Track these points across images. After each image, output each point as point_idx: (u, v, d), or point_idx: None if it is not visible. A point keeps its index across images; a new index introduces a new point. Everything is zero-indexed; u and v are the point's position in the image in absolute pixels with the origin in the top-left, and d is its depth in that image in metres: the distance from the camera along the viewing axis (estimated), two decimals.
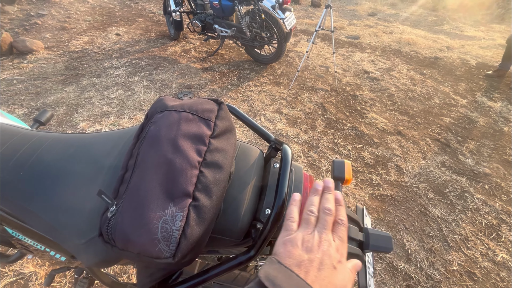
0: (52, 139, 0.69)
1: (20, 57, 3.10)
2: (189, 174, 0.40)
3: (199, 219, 0.39)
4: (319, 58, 3.72)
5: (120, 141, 0.60)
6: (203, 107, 0.49)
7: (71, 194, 0.56)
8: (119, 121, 2.28)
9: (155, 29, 4.19)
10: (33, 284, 1.27)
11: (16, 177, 0.62)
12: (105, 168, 0.56)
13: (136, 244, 0.36)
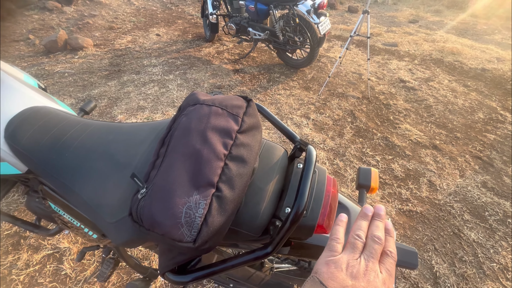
0: (94, 126, 0.75)
1: (72, 52, 3.42)
2: (215, 165, 0.42)
3: (220, 209, 0.40)
4: (352, 64, 3.63)
5: (153, 132, 0.64)
6: (232, 103, 0.50)
7: (107, 177, 0.61)
8: (152, 116, 2.41)
9: (192, 31, 4.38)
10: (66, 259, 1.38)
11: (62, 157, 0.69)
12: (138, 154, 0.60)
13: (161, 226, 0.39)
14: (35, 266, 1.35)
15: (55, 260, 1.38)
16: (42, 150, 0.70)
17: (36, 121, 0.73)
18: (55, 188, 0.72)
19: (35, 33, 3.80)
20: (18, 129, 0.71)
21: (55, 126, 0.74)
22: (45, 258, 1.39)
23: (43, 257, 1.39)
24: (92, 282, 1.30)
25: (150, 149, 0.58)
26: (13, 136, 0.70)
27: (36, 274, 1.33)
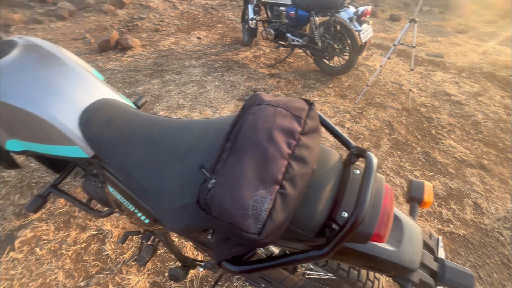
0: (152, 119, 0.82)
1: (121, 52, 3.70)
2: (279, 163, 0.44)
3: (283, 205, 0.42)
4: (392, 74, 3.49)
5: (211, 129, 0.68)
6: (295, 105, 0.52)
7: (166, 166, 0.66)
8: (190, 114, 2.53)
9: (230, 35, 4.52)
10: (108, 240, 1.50)
11: (126, 145, 0.76)
12: (197, 149, 0.64)
13: (229, 215, 0.41)
14: (81, 244, 1.48)
15: (98, 241, 1.50)
16: (108, 137, 0.78)
17: (105, 112, 0.82)
18: (116, 173, 0.79)
19: (91, 33, 4.18)
20: (91, 118, 0.79)
21: (120, 117, 0.82)
22: (90, 238, 1.51)
23: (89, 237, 1.51)
24: (130, 265, 1.39)
25: (209, 145, 0.61)
26: (87, 124, 0.79)
27: (82, 252, 1.45)
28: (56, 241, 1.48)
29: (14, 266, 1.37)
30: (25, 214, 1.62)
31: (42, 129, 0.79)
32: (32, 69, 0.79)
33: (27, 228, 1.51)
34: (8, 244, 1.45)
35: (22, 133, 0.83)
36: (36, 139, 0.83)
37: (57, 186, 1.12)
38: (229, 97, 2.81)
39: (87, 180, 1.09)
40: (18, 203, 1.68)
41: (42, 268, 1.37)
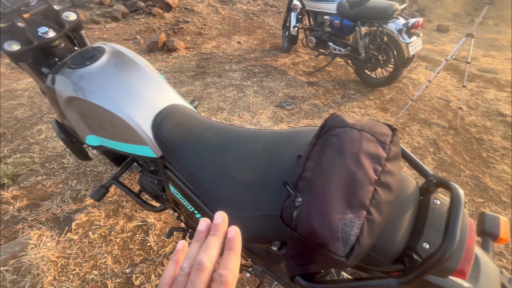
0: (216, 126, 0.87)
1: (167, 53, 3.92)
2: (367, 189, 0.45)
3: (370, 231, 0.43)
4: (438, 89, 3.31)
5: (278, 142, 0.70)
6: (380, 130, 0.53)
7: (235, 175, 0.70)
8: (230, 117, 2.61)
9: (270, 41, 4.58)
10: (151, 233, 1.59)
11: (193, 149, 0.82)
12: (266, 160, 0.67)
13: (318, 235, 0.43)
14: (128, 233, 1.59)
15: (142, 232, 1.60)
16: (177, 141, 0.84)
17: (175, 117, 0.88)
18: (181, 175, 0.85)
19: (141, 34, 4.48)
20: (163, 122, 0.87)
21: (187, 122, 0.88)
22: (136, 228, 1.62)
23: (134, 227, 1.62)
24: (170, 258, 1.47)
25: (279, 156, 0.64)
26: (159, 127, 0.86)
27: (128, 240, 1.56)
28: (106, 227, 1.61)
29: (70, 246, 1.51)
30: (81, 199, 1.78)
31: (120, 128, 0.87)
32: (117, 74, 0.89)
33: (82, 212, 1.66)
34: (66, 225, 1.60)
35: (102, 130, 0.93)
36: (113, 136, 0.92)
37: (118, 178, 1.22)
38: (267, 103, 2.85)
39: (144, 175, 1.18)
40: (75, 188, 1.86)
41: (94, 251, 1.49)
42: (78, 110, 0.89)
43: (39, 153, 2.15)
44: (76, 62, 0.89)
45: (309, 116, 2.69)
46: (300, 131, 0.68)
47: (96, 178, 1.95)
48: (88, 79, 0.86)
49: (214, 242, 0.28)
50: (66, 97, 0.87)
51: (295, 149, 0.63)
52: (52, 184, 1.89)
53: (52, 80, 0.92)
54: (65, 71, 0.88)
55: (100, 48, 0.94)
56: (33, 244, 1.50)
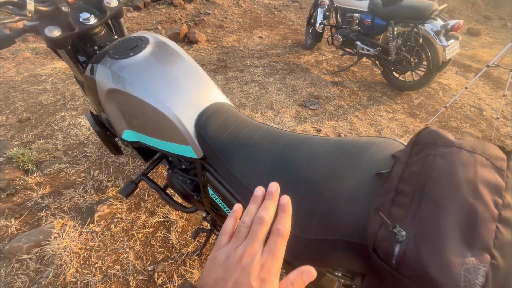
0: (264, 129, 0.80)
1: (188, 45, 3.87)
2: (490, 227, 0.37)
3: (494, 281, 0.35)
4: (470, 96, 3.14)
5: (335, 151, 0.62)
6: (494, 154, 0.45)
7: (290, 187, 0.63)
8: (252, 114, 2.54)
9: (292, 37, 4.46)
10: (173, 230, 1.56)
11: (239, 153, 0.75)
12: (328, 171, 0.60)
13: (434, 282, 0.36)
14: (149, 229, 1.56)
15: (164, 228, 1.57)
16: (222, 142, 0.78)
17: (221, 116, 0.82)
18: (225, 180, 0.79)
19: (162, 25, 4.44)
20: (208, 121, 0.80)
21: (233, 123, 0.82)
22: (158, 224, 1.59)
23: (156, 223, 1.59)
24: (193, 259, 1.43)
25: (350, 171, 0.56)
26: (203, 126, 0.80)
27: (150, 236, 1.53)
28: (128, 221, 1.58)
29: (93, 238, 1.49)
30: (103, 190, 1.76)
31: (162, 125, 0.82)
32: (161, 66, 0.83)
33: (104, 204, 1.63)
34: (88, 216, 1.58)
35: (141, 126, 0.87)
36: (152, 133, 0.87)
37: (147, 175, 1.17)
38: (290, 102, 2.77)
39: (174, 173, 1.13)
40: (97, 178, 1.84)
41: (116, 245, 1.47)
42: (118, 103, 0.84)
43: (62, 140, 2.14)
44: (119, 52, 0.84)
45: (334, 117, 2.59)
46: (373, 143, 0.60)
47: (118, 169, 1.93)
48: (131, 71, 0.80)
49: (271, 204, 0.33)
50: (107, 89, 0.82)
51: (370, 164, 0.56)
52: (74, 173, 1.88)
53: (92, 70, 0.87)
54: (107, 61, 0.83)
55: (143, 38, 0.88)
56: (56, 233, 1.48)
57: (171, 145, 0.85)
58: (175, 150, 0.86)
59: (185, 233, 1.55)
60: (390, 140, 0.61)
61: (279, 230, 0.30)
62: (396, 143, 0.60)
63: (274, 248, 0.29)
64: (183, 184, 1.09)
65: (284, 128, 2.39)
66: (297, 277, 0.29)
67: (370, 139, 0.62)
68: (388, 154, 0.57)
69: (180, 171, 1.11)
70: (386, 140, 0.61)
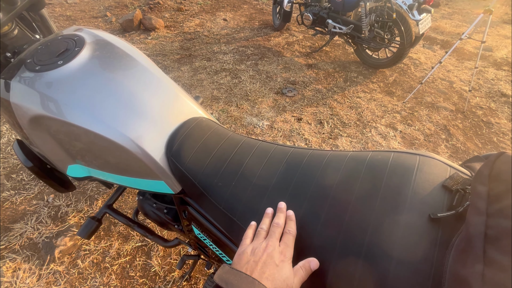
0: (259, 147, 0.63)
1: (145, 33, 3.44)
2: None
3: None
4: (440, 69, 3.18)
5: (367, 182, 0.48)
6: None
7: (311, 232, 0.48)
8: (227, 108, 2.32)
9: (258, 18, 4.18)
10: (154, 254, 1.36)
11: (229, 185, 0.57)
12: (355, 210, 0.45)
13: None
14: (125, 257, 1.34)
15: (143, 254, 1.36)
16: (206, 173, 0.59)
17: (198, 138, 0.62)
18: (212, 217, 0.61)
19: (111, 11, 3.91)
20: (182, 146, 0.61)
21: (217, 144, 0.63)
22: (135, 250, 1.38)
23: (133, 249, 1.38)
24: (181, 286, 1.26)
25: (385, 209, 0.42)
26: (177, 154, 0.60)
27: (127, 266, 1.32)
28: (98, 252, 1.35)
29: (56, 279, 1.25)
30: (62, 218, 1.49)
31: (119, 159, 0.61)
32: (106, 77, 0.60)
33: (66, 236, 1.38)
34: (47, 254, 1.32)
35: (90, 159, 0.65)
36: (108, 168, 0.65)
37: (111, 206, 0.95)
38: (266, 90, 2.58)
39: (146, 200, 0.92)
40: (53, 204, 1.55)
41: (86, 284, 1.24)
42: (52, 133, 0.60)
43: (2, 161, 1.78)
44: (41, 61, 0.59)
45: (313, 103, 2.47)
46: (410, 165, 0.45)
47: (79, 189, 1.65)
48: (62, 88, 0.57)
49: (282, 215, 0.47)
50: (30, 116, 0.57)
51: (416, 199, 0.41)
52: (23, 201, 1.57)
53: (6, 87, 0.61)
54: (23, 76, 0.58)
55: (76, 38, 0.63)
56: (7, 282, 1.22)
57: (136, 180, 0.65)
58: (142, 186, 0.66)
59: (168, 256, 1.36)
60: (431, 160, 0.46)
61: (290, 231, 0.45)
62: (440, 164, 0.46)
63: (288, 241, 0.44)
64: (158, 212, 0.89)
65: (263, 121, 2.22)
66: (305, 263, 0.42)
67: (402, 158, 0.47)
68: (435, 183, 0.43)
69: (153, 197, 0.91)
70: (426, 160, 0.46)
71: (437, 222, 0.39)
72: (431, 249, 0.37)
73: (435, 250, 0.37)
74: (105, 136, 0.56)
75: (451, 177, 0.43)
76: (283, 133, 2.12)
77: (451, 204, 0.40)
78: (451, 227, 0.39)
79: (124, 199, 1.60)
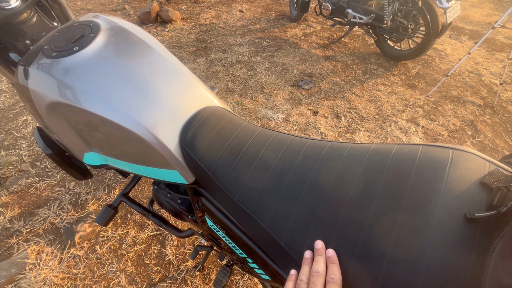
0: (275, 138, 0.61)
1: (162, 25, 3.47)
2: None
3: None
4: (467, 61, 2.99)
5: (396, 177, 0.44)
6: None
7: (311, 217, 0.45)
8: (242, 100, 2.30)
9: (275, 9, 4.10)
10: (168, 243, 1.38)
11: (243, 176, 0.56)
12: (383, 207, 0.42)
13: None
14: (141, 245, 1.38)
15: (158, 243, 1.39)
16: (221, 164, 0.58)
17: (213, 127, 0.61)
18: (227, 210, 0.60)
19: (130, 3, 3.96)
20: (196, 135, 0.59)
21: (232, 134, 0.61)
22: (150, 238, 1.40)
23: (148, 237, 1.41)
24: (194, 275, 1.27)
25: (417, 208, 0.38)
26: (191, 143, 0.59)
27: (142, 254, 1.35)
28: (115, 239, 1.39)
29: (76, 264, 1.30)
30: (82, 205, 1.54)
31: (134, 147, 0.60)
32: (121, 63, 0.59)
33: (85, 222, 1.42)
34: (68, 238, 1.37)
35: (106, 147, 0.65)
36: (123, 157, 0.65)
37: (127, 195, 0.97)
38: (282, 82, 2.53)
39: (160, 189, 0.93)
40: (74, 191, 1.61)
41: (104, 269, 1.29)
42: (69, 120, 0.61)
43: (27, 149, 1.86)
44: (57, 47, 0.59)
45: (330, 96, 2.40)
46: (443, 159, 0.41)
47: (97, 177, 1.70)
48: (78, 74, 0.57)
49: (321, 259, 0.41)
50: (47, 103, 0.58)
51: (450, 198, 0.38)
52: (46, 187, 1.64)
53: (25, 74, 0.62)
54: (41, 62, 0.58)
55: (91, 24, 0.63)
56: (31, 263, 1.28)
57: (150, 169, 0.64)
58: (156, 175, 0.66)
59: (182, 246, 1.38)
60: (466, 154, 0.42)
61: (333, 279, 0.38)
62: (477, 159, 0.41)
63: None
64: (172, 202, 0.90)
65: (278, 114, 2.19)
66: None
67: (432, 152, 0.43)
68: (472, 179, 0.39)
69: (168, 187, 0.91)
70: (461, 154, 0.42)
71: (474, 222, 0.35)
72: (467, 252, 0.34)
73: (472, 254, 0.33)
74: (118, 123, 0.56)
75: (490, 173, 0.39)
76: (299, 127, 2.08)
77: (491, 203, 0.36)
78: (491, 229, 0.35)
79: (140, 189, 1.63)
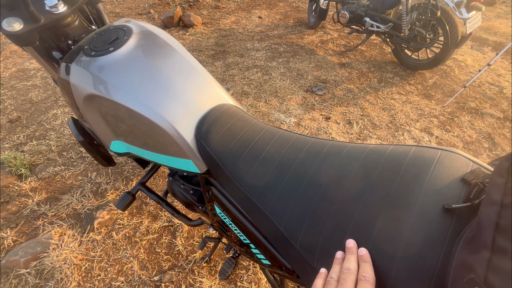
0: (281, 135, 0.66)
1: (184, 29, 3.63)
2: None
3: None
4: (489, 73, 2.92)
5: (386, 171, 0.49)
6: None
7: (311, 207, 0.50)
8: (256, 103, 2.37)
9: (293, 16, 4.17)
10: (179, 235, 1.46)
11: (250, 167, 0.62)
12: (373, 198, 0.46)
13: None
14: (153, 234, 1.46)
15: (169, 233, 1.47)
16: (230, 155, 0.64)
17: (225, 122, 0.68)
18: (234, 198, 0.66)
19: (155, 8, 4.17)
20: (210, 129, 0.66)
21: (242, 129, 0.67)
22: (162, 229, 1.49)
23: (160, 228, 1.49)
24: (201, 266, 1.34)
25: (402, 199, 0.43)
26: (205, 136, 0.66)
27: (154, 242, 1.43)
28: (130, 227, 1.49)
29: (94, 247, 1.40)
30: (102, 194, 1.65)
31: (155, 137, 0.68)
32: (149, 63, 0.68)
33: (104, 209, 1.53)
34: (88, 223, 1.48)
35: (131, 136, 0.74)
36: (145, 145, 0.73)
37: (145, 184, 1.05)
38: (296, 88, 2.58)
39: (175, 181, 1.00)
40: (95, 181, 1.73)
41: (119, 254, 1.38)
42: (101, 111, 0.70)
43: (55, 140, 2.02)
44: (96, 47, 0.68)
45: (343, 103, 2.42)
46: (431, 158, 0.46)
47: (117, 169, 1.81)
48: (112, 71, 0.65)
49: (352, 257, 0.40)
50: (85, 95, 0.67)
51: (432, 191, 0.42)
52: (71, 175, 1.77)
53: (66, 70, 0.72)
54: (81, 60, 0.68)
55: (125, 28, 0.72)
56: (54, 244, 1.39)
57: (168, 158, 0.72)
58: (173, 164, 0.73)
59: (191, 238, 1.45)
60: (453, 154, 0.46)
61: (366, 277, 0.37)
62: (462, 159, 0.45)
63: None
64: (185, 193, 0.97)
65: (291, 117, 2.24)
66: None
67: (422, 152, 0.47)
68: (454, 176, 0.43)
69: (182, 178, 0.99)
70: (448, 154, 0.46)
71: (451, 213, 0.39)
72: (441, 239, 0.38)
73: (445, 240, 0.38)
74: (143, 114, 0.63)
75: (472, 171, 0.42)
76: (310, 131, 2.12)
77: (468, 196, 0.40)
78: (464, 219, 0.39)
79: (155, 182, 1.73)
